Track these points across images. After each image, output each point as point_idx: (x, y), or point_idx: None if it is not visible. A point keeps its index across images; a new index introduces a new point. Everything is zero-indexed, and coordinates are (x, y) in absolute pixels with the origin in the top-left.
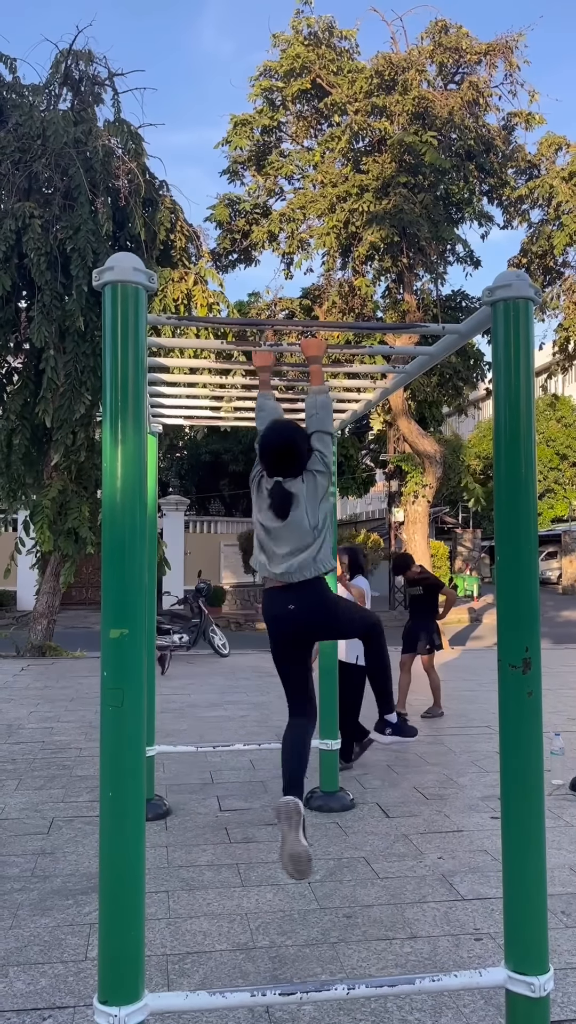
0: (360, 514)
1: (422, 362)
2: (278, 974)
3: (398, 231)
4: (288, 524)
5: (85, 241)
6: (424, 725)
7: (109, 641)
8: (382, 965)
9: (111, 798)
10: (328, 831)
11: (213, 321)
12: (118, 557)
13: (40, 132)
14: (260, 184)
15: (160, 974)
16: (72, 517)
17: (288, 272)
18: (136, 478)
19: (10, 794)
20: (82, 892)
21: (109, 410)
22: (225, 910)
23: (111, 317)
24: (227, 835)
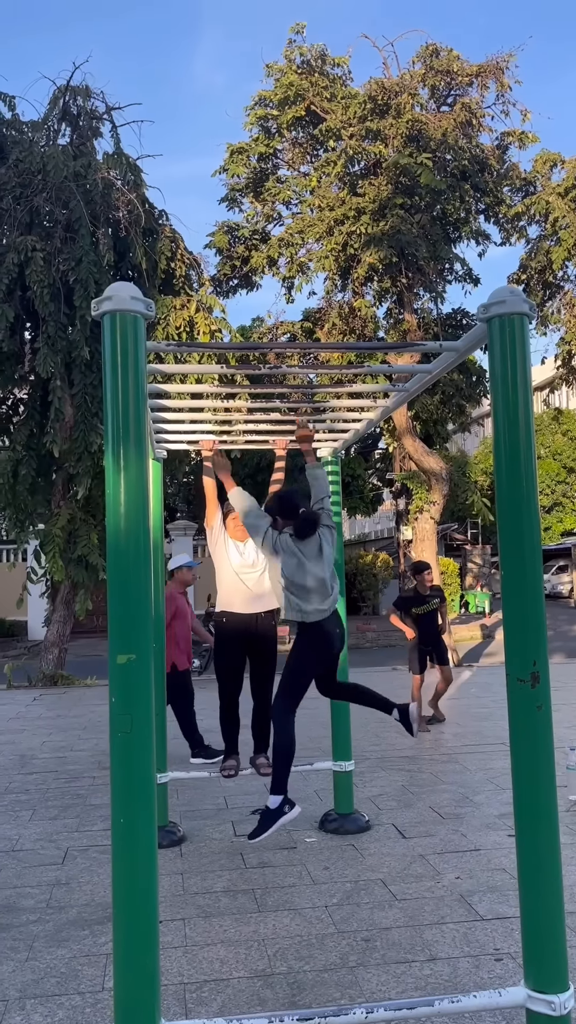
0: (368, 533)
1: (421, 379)
2: (297, 1000)
3: (396, 252)
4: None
5: (87, 272)
6: (439, 743)
7: (117, 667)
8: (402, 988)
9: (123, 824)
10: (344, 853)
11: (213, 347)
12: (123, 583)
13: (40, 167)
14: (258, 210)
15: (178, 1003)
16: (82, 545)
17: (289, 296)
18: (139, 504)
19: (24, 824)
20: (98, 922)
21: (111, 437)
22: (242, 936)
23: (110, 346)
24: (242, 860)
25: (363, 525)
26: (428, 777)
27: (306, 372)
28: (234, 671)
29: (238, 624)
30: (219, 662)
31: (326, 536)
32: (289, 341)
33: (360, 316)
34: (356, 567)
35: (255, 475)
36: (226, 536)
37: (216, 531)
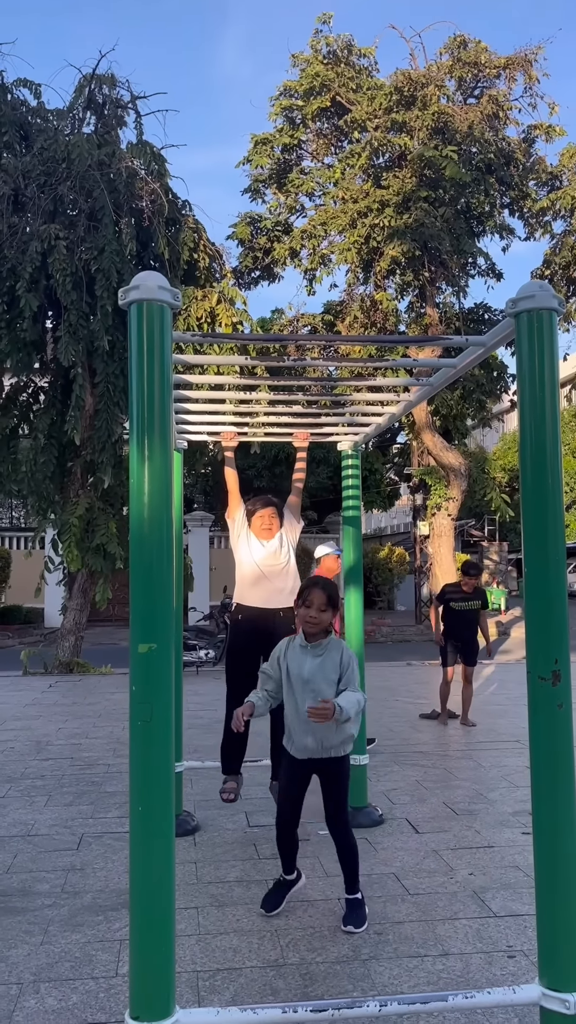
0: (385, 528)
1: (445, 374)
2: (309, 991)
3: (419, 245)
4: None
5: (110, 262)
6: (454, 740)
7: (138, 656)
8: (414, 982)
9: (140, 812)
10: None
11: (237, 338)
12: (145, 573)
13: (65, 155)
14: (281, 201)
15: (191, 990)
16: (100, 534)
17: (310, 288)
18: (163, 494)
19: (40, 810)
20: (112, 908)
21: (136, 427)
22: (255, 926)
23: (137, 336)
24: (256, 851)
25: (379, 520)
26: (442, 773)
27: (328, 364)
28: (246, 673)
29: (255, 619)
30: (231, 661)
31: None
32: (310, 333)
33: (381, 309)
34: (372, 561)
35: (272, 467)
36: (248, 531)
37: (238, 524)
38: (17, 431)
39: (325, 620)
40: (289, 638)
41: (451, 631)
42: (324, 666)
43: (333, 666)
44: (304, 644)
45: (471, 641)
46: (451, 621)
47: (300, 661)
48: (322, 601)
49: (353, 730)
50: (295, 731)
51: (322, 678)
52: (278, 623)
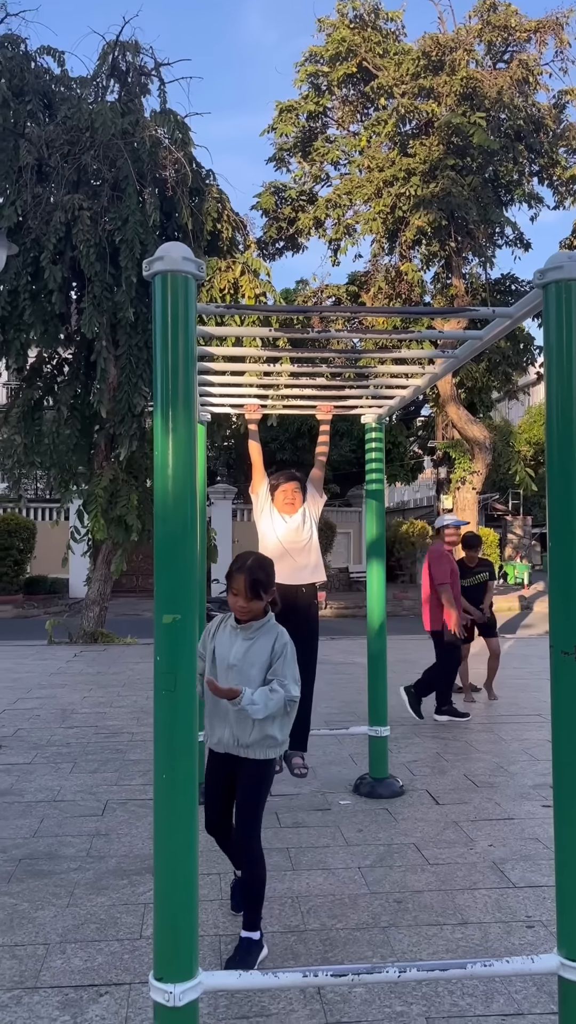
0: (408, 501)
1: (471, 347)
2: (329, 956)
3: (446, 215)
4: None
5: (133, 232)
6: (475, 713)
7: (162, 626)
8: (433, 950)
9: (165, 780)
10: (378, 817)
11: (261, 309)
12: (170, 544)
13: (88, 124)
14: (306, 170)
15: (213, 954)
16: (120, 505)
17: (335, 258)
18: (187, 466)
19: (66, 776)
20: (136, 873)
21: (160, 400)
22: (276, 893)
23: (161, 307)
24: (277, 820)
25: (402, 493)
26: (463, 745)
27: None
28: None
29: (279, 594)
30: None
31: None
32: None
33: (407, 280)
34: (394, 535)
35: (295, 440)
36: (272, 507)
37: (262, 499)
38: (41, 403)
39: (255, 608)
40: (224, 616)
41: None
42: (253, 652)
43: (263, 653)
44: (234, 625)
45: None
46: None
47: (228, 644)
48: (246, 589)
49: (273, 731)
50: (213, 720)
51: (249, 665)
52: (300, 598)
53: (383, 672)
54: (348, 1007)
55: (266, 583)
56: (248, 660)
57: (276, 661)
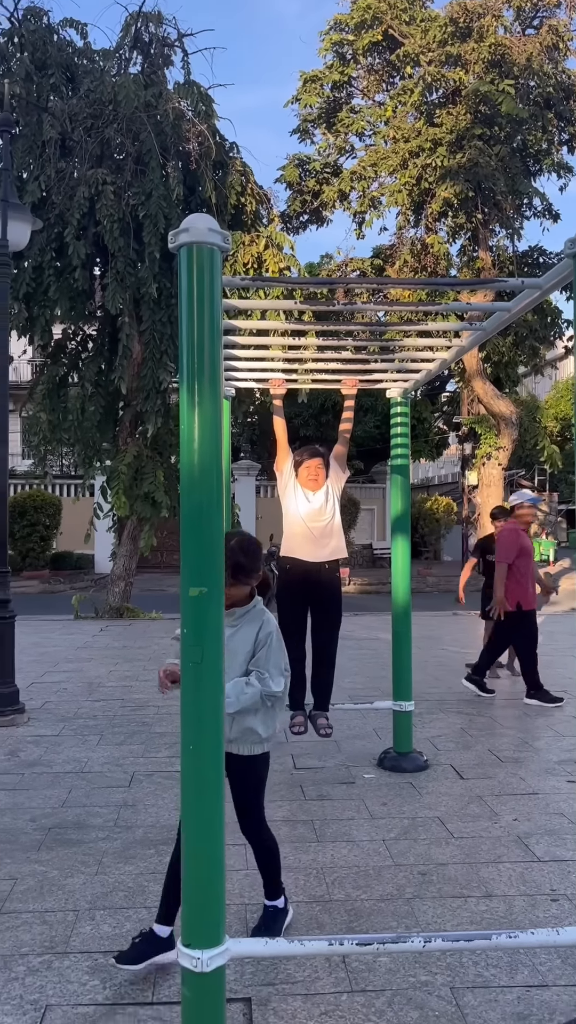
0: (432, 478)
1: (499, 319)
2: (354, 926)
3: (473, 186)
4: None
5: (157, 207)
6: (499, 689)
7: (188, 599)
8: (457, 922)
9: (192, 751)
10: (402, 791)
11: (286, 281)
12: (196, 518)
13: (111, 97)
14: (330, 142)
15: (239, 922)
16: (148, 482)
17: (359, 232)
18: (213, 439)
19: (93, 748)
20: (163, 843)
21: (185, 372)
22: (301, 864)
23: (187, 279)
24: (302, 792)
25: (427, 469)
26: (487, 721)
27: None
28: (297, 620)
29: (302, 571)
30: (282, 610)
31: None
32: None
33: (432, 253)
34: (419, 511)
35: (319, 416)
36: (295, 483)
37: (286, 476)
38: (66, 380)
39: (237, 594)
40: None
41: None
42: (237, 640)
43: (247, 641)
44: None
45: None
46: (491, 572)
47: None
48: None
49: (255, 725)
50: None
51: (231, 654)
52: (323, 575)
53: (408, 647)
54: (373, 976)
55: (249, 567)
56: (230, 649)
57: (259, 651)
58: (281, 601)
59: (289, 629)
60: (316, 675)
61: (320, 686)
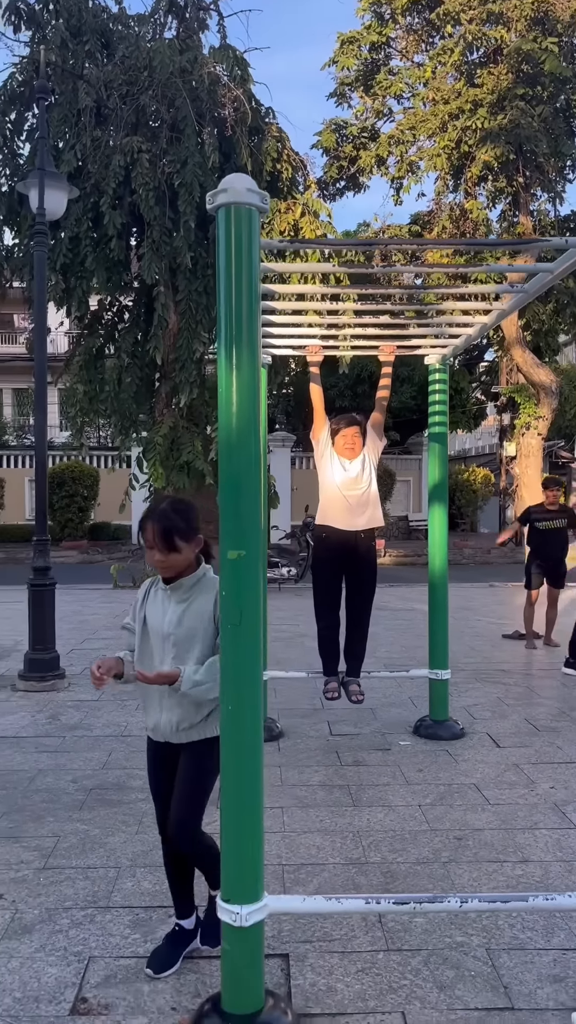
0: (469, 449)
1: (541, 280)
2: (390, 887)
3: (514, 148)
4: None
5: (192, 175)
6: (536, 660)
7: (227, 562)
8: (493, 885)
9: (231, 711)
10: (438, 758)
11: (324, 243)
12: (235, 481)
13: (146, 63)
14: (368, 106)
15: (276, 881)
16: (186, 451)
17: (397, 197)
18: (251, 402)
19: (131, 713)
20: None
21: (224, 336)
22: (337, 827)
23: (225, 240)
24: (338, 758)
25: (464, 441)
26: (524, 691)
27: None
28: (332, 589)
29: (338, 540)
30: (317, 578)
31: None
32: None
33: (471, 219)
34: (455, 483)
35: (355, 387)
36: (332, 451)
37: (322, 444)
38: (103, 351)
39: (177, 562)
40: (155, 579)
41: (537, 552)
42: (191, 616)
43: (203, 615)
44: (164, 587)
45: (560, 563)
46: (537, 542)
47: (160, 610)
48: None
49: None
50: (147, 703)
51: (188, 633)
52: (359, 544)
53: (444, 616)
54: (409, 936)
55: (185, 529)
56: (186, 626)
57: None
58: (316, 569)
59: (323, 597)
60: (349, 643)
61: (353, 654)
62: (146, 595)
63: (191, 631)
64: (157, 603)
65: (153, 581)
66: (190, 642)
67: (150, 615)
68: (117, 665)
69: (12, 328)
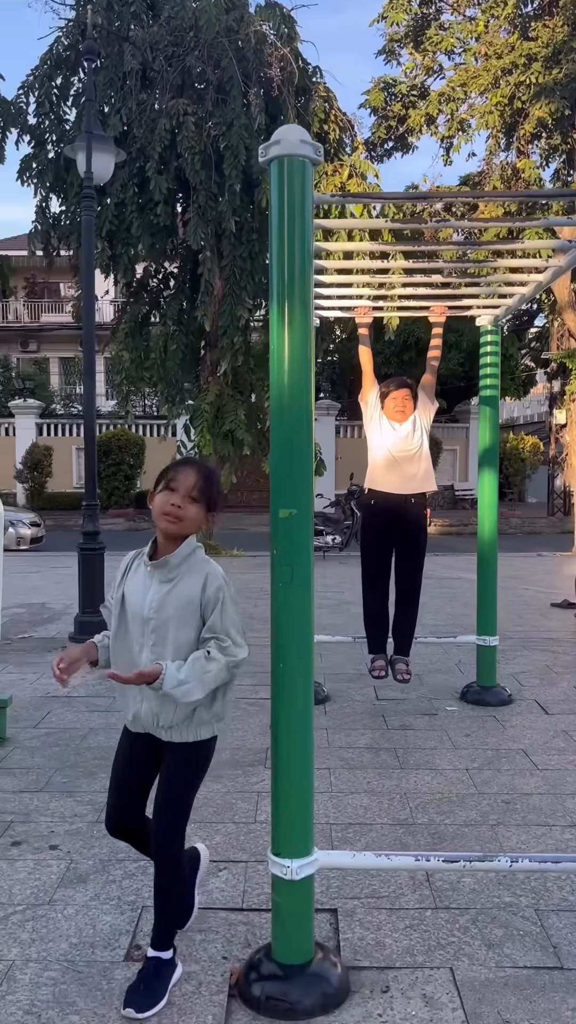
0: (517, 417)
1: None
2: (437, 848)
3: (569, 104)
4: None
5: (238, 137)
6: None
7: (279, 521)
8: (541, 848)
9: (281, 669)
10: (485, 723)
11: (377, 196)
12: (286, 440)
13: (192, 23)
14: (418, 62)
15: (324, 839)
16: (229, 420)
17: (447, 157)
18: (303, 359)
19: None
20: (249, 764)
21: (276, 292)
22: (384, 789)
23: (278, 193)
24: (384, 722)
25: (512, 409)
26: (573, 659)
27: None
28: (380, 556)
29: (387, 505)
30: (365, 545)
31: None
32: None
33: (523, 178)
34: (504, 452)
35: (401, 354)
36: (381, 414)
37: (371, 406)
38: (148, 319)
39: (192, 516)
40: (140, 551)
41: None
42: (174, 600)
43: (189, 601)
44: (148, 563)
45: None
46: None
47: (141, 589)
48: (191, 485)
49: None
50: (127, 692)
51: (167, 621)
52: (409, 508)
53: (493, 582)
54: (457, 895)
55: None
56: (168, 612)
57: (211, 613)
58: (365, 536)
59: (371, 565)
60: (399, 616)
61: (402, 629)
62: (127, 569)
63: (173, 617)
64: (138, 580)
65: (137, 553)
66: (171, 630)
67: (129, 593)
68: (88, 652)
69: (59, 297)
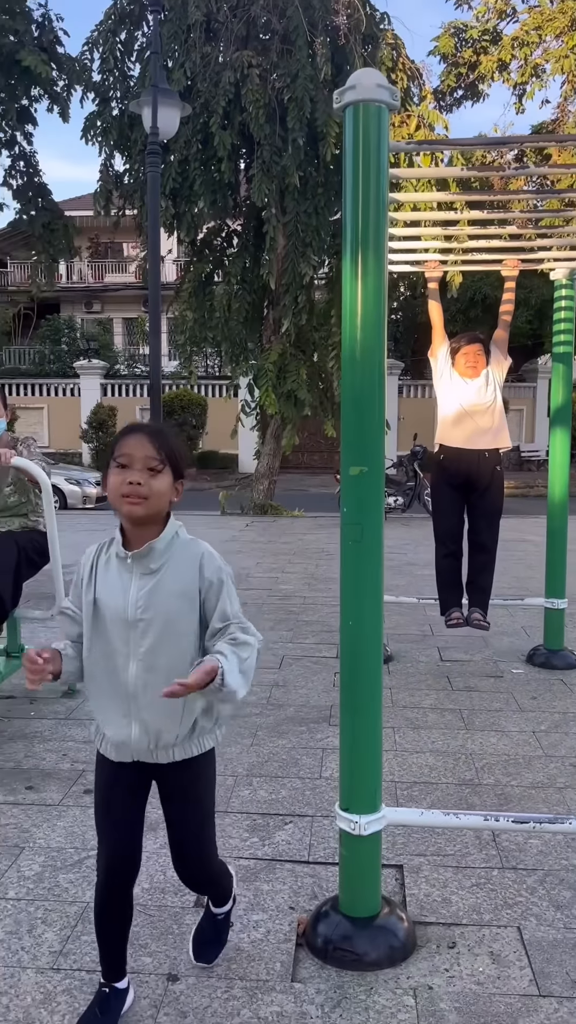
0: None
1: None
2: (504, 809)
3: None
4: None
5: (303, 89)
6: None
7: (349, 479)
8: None
9: (351, 627)
10: (552, 686)
11: (455, 143)
12: (358, 395)
13: None
14: (490, 6)
15: (390, 797)
16: (291, 380)
17: (519, 105)
18: (376, 313)
19: None
20: (313, 721)
21: (349, 242)
22: (450, 749)
23: (352, 140)
24: (449, 683)
25: None
26: None
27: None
28: (452, 513)
29: (459, 460)
30: (436, 503)
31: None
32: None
33: None
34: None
35: (467, 311)
36: (452, 370)
37: (441, 362)
38: (212, 277)
39: (157, 489)
40: (102, 544)
41: None
42: (164, 594)
43: (183, 592)
44: (122, 555)
45: None
46: None
47: (119, 587)
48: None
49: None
50: (108, 711)
51: (162, 616)
52: (482, 464)
53: (563, 544)
54: (524, 856)
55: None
56: (158, 609)
57: (215, 599)
58: (436, 493)
59: (443, 522)
60: (473, 573)
61: (479, 586)
62: (94, 568)
63: (166, 615)
64: (112, 577)
65: (101, 547)
66: (165, 630)
67: (103, 595)
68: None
69: (122, 257)
